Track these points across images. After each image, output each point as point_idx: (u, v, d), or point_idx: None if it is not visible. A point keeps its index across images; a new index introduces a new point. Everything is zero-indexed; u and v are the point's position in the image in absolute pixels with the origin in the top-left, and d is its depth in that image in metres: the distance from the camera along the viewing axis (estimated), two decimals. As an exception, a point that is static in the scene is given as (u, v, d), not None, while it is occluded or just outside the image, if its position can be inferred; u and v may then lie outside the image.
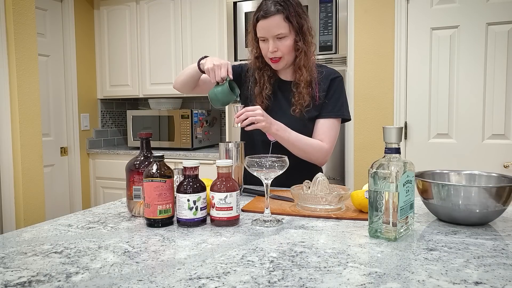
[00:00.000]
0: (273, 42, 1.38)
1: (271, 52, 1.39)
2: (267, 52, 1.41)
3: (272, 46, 1.38)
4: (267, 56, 1.43)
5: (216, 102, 1.37)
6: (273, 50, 1.38)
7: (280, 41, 1.38)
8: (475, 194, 0.93)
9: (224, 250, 0.82)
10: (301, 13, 1.39)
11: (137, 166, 1.08)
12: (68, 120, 3.34)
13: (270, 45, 1.38)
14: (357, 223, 1.01)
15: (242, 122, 1.29)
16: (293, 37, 1.39)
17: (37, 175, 2.69)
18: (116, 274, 0.70)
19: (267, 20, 1.36)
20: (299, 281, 0.66)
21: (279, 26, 1.36)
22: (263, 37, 1.40)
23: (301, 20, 1.39)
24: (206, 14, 3.15)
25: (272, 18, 1.35)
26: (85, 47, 3.47)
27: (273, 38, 1.37)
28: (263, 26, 1.37)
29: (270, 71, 1.49)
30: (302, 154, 1.43)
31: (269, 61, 1.43)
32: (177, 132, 3.22)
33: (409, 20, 2.54)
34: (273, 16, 1.35)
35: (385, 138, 0.90)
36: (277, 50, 1.39)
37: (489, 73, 2.39)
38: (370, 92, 2.64)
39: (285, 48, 1.39)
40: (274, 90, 1.50)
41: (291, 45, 1.39)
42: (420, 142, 2.57)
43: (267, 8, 1.36)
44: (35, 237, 0.92)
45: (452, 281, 0.66)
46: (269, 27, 1.36)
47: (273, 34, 1.37)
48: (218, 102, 1.37)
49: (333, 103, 1.47)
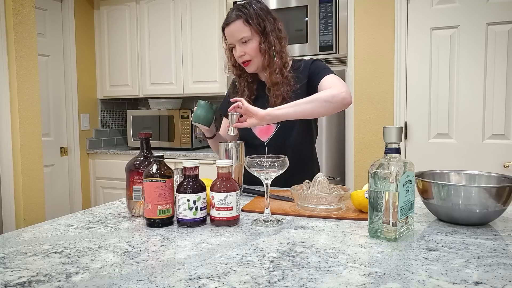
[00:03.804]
0: (239, 46, 1.42)
1: (238, 57, 1.44)
2: (238, 58, 1.45)
3: (239, 50, 1.42)
4: (240, 62, 1.47)
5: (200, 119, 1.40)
6: (239, 54, 1.43)
7: (245, 44, 1.42)
8: (475, 194, 0.93)
9: (224, 250, 0.82)
10: (263, 15, 1.41)
11: (137, 166, 1.08)
12: (68, 120, 3.34)
13: (237, 50, 1.43)
14: (357, 223, 1.01)
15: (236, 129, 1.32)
16: (257, 39, 1.41)
17: (37, 175, 2.69)
18: (116, 274, 0.70)
19: (229, 27, 1.42)
20: (299, 281, 0.66)
21: (241, 31, 1.40)
22: (231, 44, 1.45)
23: (263, 22, 1.41)
24: (206, 14, 3.15)
25: (233, 24, 1.41)
26: (85, 47, 3.47)
27: (238, 43, 1.42)
28: (228, 33, 1.43)
29: (250, 77, 1.53)
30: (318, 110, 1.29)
31: (242, 65, 1.47)
32: (177, 132, 3.22)
33: (409, 20, 2.54)
34: (234, 22, 1.41)
35: (385, 138, 0.90)
36: (244, 53, 1.43)
37: (489, 73, 2.39)
38: (370, 92, 2.64)
39: (250, 50, 1.42)
40: (257, 93, 1.53)
41: (256, 47, 1.42)
42: (420, 142, 2.57)
43: (229, 16, 1.43)
44: (35, 237, 0.92)
45: (452, 281, 0.66)
46: (232, 32, 1.42)
47: (237, 38, 1.42)
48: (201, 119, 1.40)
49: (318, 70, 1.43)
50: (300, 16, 2.70)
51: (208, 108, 1.40)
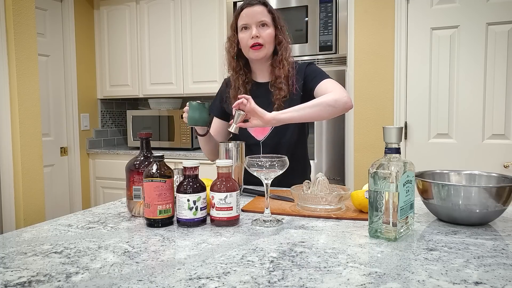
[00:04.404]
0: (256, 28, 1.43)
1: (253, 38, 1.42)
2: (248, 40, 1.43)
3: (255, 31, 1.42)
4: (247, 45, 1.44)
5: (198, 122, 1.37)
6: (255, 35, 1.42)
7: (262, 28, 1.43)
8: (475, 194, 0.93)
9: (224, 250, 0.82)
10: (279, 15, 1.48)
11: (137, 166, 1.08)
12: (68, 120, 3.34)
13: (253, 30, 1.42)
14: (357, 223, 1.01)
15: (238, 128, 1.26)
16: (273, 29, 1.45)
17: (37, 175, 2.69)
18: (116, 274, 0.70)
19: (253, 7, 1.43)
20: (299, 281, 0.66)
21: (263, 14, 1.43)
22: (246, 24, 1.44)
23: (280, 20, 1.47)
24: (206, 14, 3.15)
25: (257, 6, 1.44)
26: (85, 47, 3.47)
27: (256, 24, 1.43)
28: (248, 12, 1.43)
29: (245, 76, 1.51)
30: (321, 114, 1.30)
31: (250, 50, 1.44)
32: (177, 132, 3.22)
33: (409, 20, 2.54)
34: (258, 5, 1.44)
35: (385, 138, 0.90)
36: (259, 36, 1.42)
37: (489, 73, 2.39)
38: (370, 92, 2.64)
39: (266, 35, 1.43)
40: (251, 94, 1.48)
41: (273, 35, 1.45)
42: (420, 142, 2.57)
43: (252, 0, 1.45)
44: (35, 237, 0.92)
45: (452, 281, 0.66)
46: (254, 13, 1.43)
47: (257, 20, 1.43)
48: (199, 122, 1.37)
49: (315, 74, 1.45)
50: (300, 16, 2.70)
51: (202, 108, 1.36)
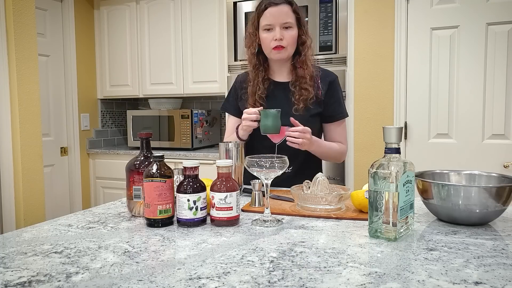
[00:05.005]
0: (279, 29, 1.40)
1: (276, 40, 1.40)
2: (271, 41, 1.42)
3: (279, 33, 1.40)
4: (269, 46, 1.43)
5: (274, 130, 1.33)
6: (279, 37, 1.40)
7: (286, 30, 1.41)
8: (475, 194, 0.93)
9: (224, 250, 0.82)
10: (303, 14, 1.46)
11: (137, 166, 1.08)
12: (68, 120, 3.34)
13: (276, 32, 1.40)
14: (357, 223, 1.01)
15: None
16: (297, 30, 1.43)
17: (37, 175, 2.69)
18: (116, 274, 0.70)
19: (278, 7, 1.40)
20: (299, 281, 0.66)
21: (288, 15, 1.41)
22: (270, 25, 1.41)
23: (303, 19, 1.45)
24: (206, 14, 3.15)
25: (282, 6, 1.40)
26: (85, 47, 3.47)
27: (280, 26, 1.40)
28: (272, 13, 1.40)
29: (264, 73, 1.50)
30: (330, 159, 1.54)
31: (271, 51, 1.43)
32: (177, 132, 3.22)
33: (409, 20, 2.54)
34: (283, 4, 1.41)
35: (385, 138, 0.90)
36: (283, 38, 1.41)
37: (489, 73, 2.39)
38: (370, 92, 2.64)
39: (290, 38, 1.42)
40: (269, 92, 1.50)
41: (296, 37, 1.43)
42: (420, 142, 2.57)
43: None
44: (35, 237, 0.92)
45: (452, 281, 0.66)
46: (279, 14, 1.40)
47: (281, 21, 1.40)
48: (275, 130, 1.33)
49: (337, 106, 1.51)
50: (300, 16, 2.70)
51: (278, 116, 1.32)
